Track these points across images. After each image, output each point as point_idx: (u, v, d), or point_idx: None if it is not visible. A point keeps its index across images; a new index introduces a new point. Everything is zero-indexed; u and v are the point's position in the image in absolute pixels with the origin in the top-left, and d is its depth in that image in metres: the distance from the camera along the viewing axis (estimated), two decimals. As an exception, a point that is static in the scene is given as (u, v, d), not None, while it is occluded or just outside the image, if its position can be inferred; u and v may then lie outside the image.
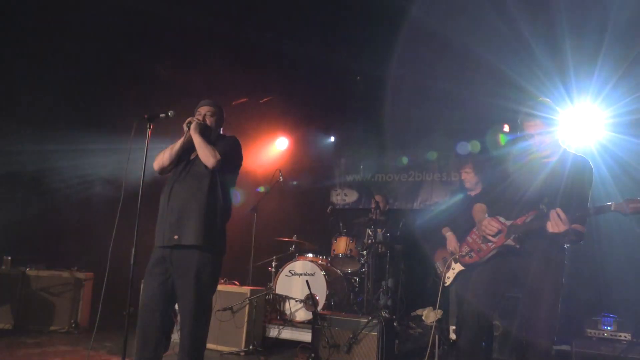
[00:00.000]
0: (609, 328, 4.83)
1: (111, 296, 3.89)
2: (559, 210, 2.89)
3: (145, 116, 3.54)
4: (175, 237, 3.43)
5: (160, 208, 3.59)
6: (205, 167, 3.55)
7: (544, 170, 3.20)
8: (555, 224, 2.88)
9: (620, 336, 4.75)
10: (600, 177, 5.59)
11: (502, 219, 3.21)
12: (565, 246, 3.13)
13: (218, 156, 3.53)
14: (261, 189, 6.76)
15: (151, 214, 3.58)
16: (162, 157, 3.68)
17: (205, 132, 3.66)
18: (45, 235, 6.90)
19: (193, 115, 3.75)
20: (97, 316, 3.68)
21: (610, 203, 2.76)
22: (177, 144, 3.67)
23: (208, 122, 3.75)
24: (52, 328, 5.99)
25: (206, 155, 3.53)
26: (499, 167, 3.55)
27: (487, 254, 3.24)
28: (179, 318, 3.53)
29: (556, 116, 3.16)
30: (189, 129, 3.62)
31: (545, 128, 3.13)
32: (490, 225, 3.20)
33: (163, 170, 3.69)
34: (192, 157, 3.68)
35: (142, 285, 3.69)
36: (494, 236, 3.20)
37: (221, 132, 3.88)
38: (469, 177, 5.09)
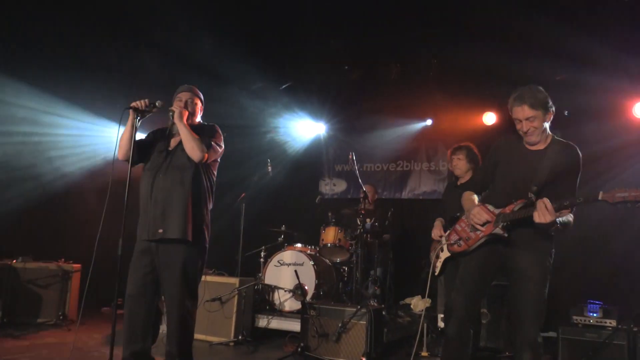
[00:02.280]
0: (594, 315, 4.88)
1: (99, 288, 3.88)
2: (545, 200, 2.86)
3: (132, 105, 3.40)
4: (160, 230, 3.40)
5: (142, 200, 3.52)
6: (188, 158, 3.47)
7: (532, 158, 3.19)
8: (542, 214, 2.85)
9: (605, 323, 4.81)
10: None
11: (490, 208, 3.21)
12: (552, 234, 3.15)
13: (205, 149, 3.45)
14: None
15: (139, 205, 3.55)
16: (120, 145, 3.49)
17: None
18: (32, 227, 6.84)
19: (171, 103, 3.62)
20: (84, 308, 3.65)
21: (598, 192, 2.77)
22: (127, 131, 3.46)
23: (190, 109, 3.64)
24: (39, 320, 5.95)
25: (192, 147, 3.43)
26: (487, 156, 3.55)
27: (475, 243, 3.25)
28: (165, 309, 3.52)
29: (546, 103, 3.13)
30: (172, 117, 3.51)
31: (534, 114, 3.09)
32: (479, 214, 3.21)
33: (126, 157, 3.47)
34: (172, 147, 3.59)
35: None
36: (482, 225, 3.21)
37: (200, 120, 3.77)
38: (461, 165, 4.93)
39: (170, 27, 6.33)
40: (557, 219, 2.91)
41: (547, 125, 3.18)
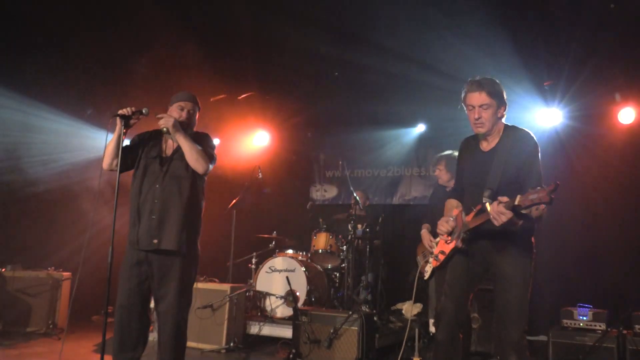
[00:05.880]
0: (584, 318, 4.92)
1: (89, 296, 3.85)
2: (494, 204, 2.76)
3: (119, 113, 3.34)
4: (155, 241, 3.35)
5: (134, 209, 3.44)
6: (186, 167, 3.42)
7: (484, 160, 3.13)
8: (496, 217, 2.75)
9: (595, 326, 4.85)
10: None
11: (463, 215, 3.15)
12: (533, 235, 3.10)
13: (209, 160, 3.40)
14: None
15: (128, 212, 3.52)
16: (106, 154, 3.44)
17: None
18: (21, 235, 6.79)
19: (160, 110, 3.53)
20: (74, 316, 3.62)
21: (515, 196, 2.66)
22: (112, 140, 3.41)
23: (188, 120, 3.52)
24: (29, 329, 5.90)
25: (197, 159, 3.37)
26: (457, 161, 3.53)
27: (444, 258, 3.25)
28: (155, 317, 3.49)
29: (502, 95, 3.07)
30: (167, 130, 3.37)
31: (489, 102, 3.02)
32: (440, 225, 3.20)
33: (111, 167, 3.45)
34: (167, 155, 3.52)
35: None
36: (450, 235, 3.20)
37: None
38: (442, 175, 5.13)
39: (160, 32, 6.33)
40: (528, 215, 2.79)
41: (500, 120, 3.12)
